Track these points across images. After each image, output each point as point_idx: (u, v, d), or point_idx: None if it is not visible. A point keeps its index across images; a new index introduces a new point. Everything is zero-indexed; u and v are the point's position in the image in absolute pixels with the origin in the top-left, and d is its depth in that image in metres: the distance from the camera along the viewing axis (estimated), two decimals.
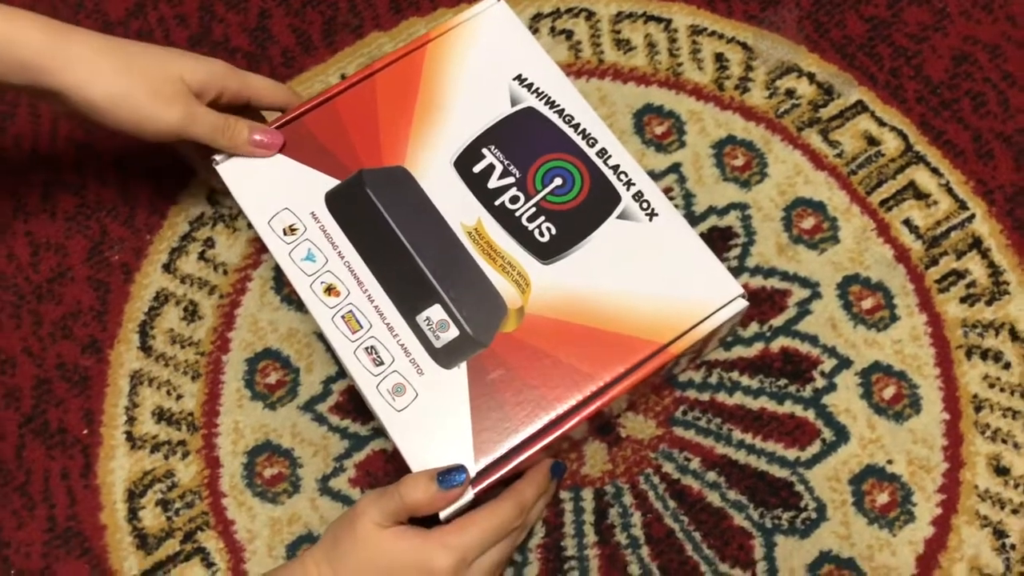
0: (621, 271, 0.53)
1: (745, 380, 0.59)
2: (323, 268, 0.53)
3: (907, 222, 0.63)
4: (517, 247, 0.53)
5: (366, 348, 0.51)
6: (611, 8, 0.69)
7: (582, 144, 0.56)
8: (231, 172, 0.55)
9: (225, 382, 0.60)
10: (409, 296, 0.52)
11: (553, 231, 0.54)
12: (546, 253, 0.53)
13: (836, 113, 0.65)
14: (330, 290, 0.53)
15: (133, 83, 0.50)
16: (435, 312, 0.52)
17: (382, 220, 0.54)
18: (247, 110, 0.56)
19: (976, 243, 0.62)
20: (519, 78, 0.57)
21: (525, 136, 0.56)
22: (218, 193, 0.64)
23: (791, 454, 0.58)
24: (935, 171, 0.64)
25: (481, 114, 0.57)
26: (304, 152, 0.55)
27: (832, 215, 0.63)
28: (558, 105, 0.57)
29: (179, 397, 0.59)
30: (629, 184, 0.55)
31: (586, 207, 0.54)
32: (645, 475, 0.58)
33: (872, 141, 0.65)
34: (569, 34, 0.68)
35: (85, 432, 0.59)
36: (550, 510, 0.57)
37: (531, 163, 0.55)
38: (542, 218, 0.54)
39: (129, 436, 0.59)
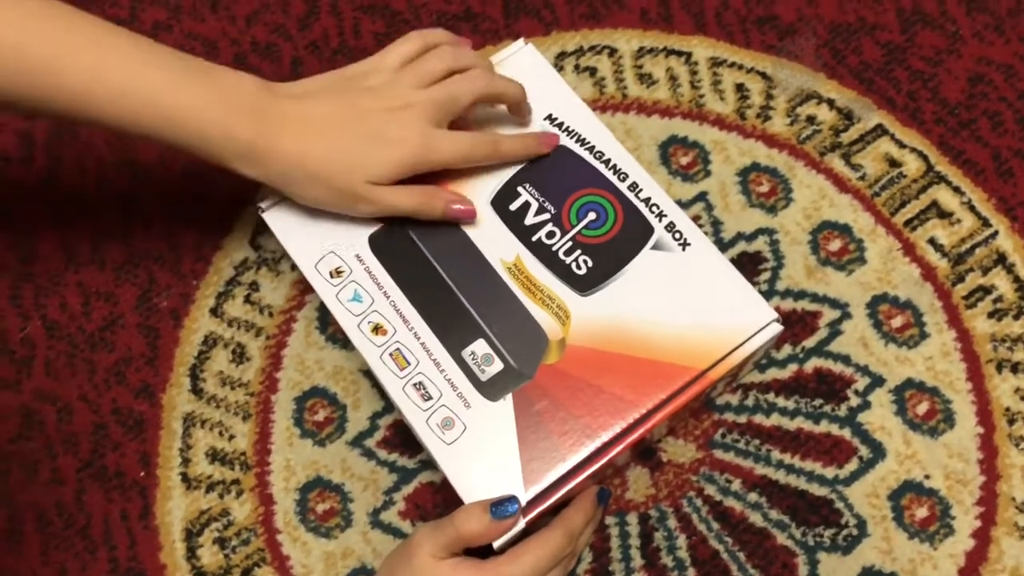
0: (658, 300, 0.54)
1: (781, 401, 0.61)
2: (370, 308, 0.55)
3: (932, 241, 0.64)
4: (556, 280, 0.55)
5: (414, 384, 0.53)
6: (632, 44, 0.71)
7: (613, 179, 0.58)
8: (277, 219, 0.57)
9: (275, 421, 0.62)
10: (454, 332, 0.54)
11: (590, 264, 0.56)
12: (584, 285, 0.55)
13: (857, 137, 0.67)
14: (377, 329, 0.54)
15: (322, 192, 0.53)
16: (479, 347, 0.54)
17: (425, 260, 0.56)
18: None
19: (1001, 259, 0.63)
20: (550, 117, 0.59)
21: (558, 173, 0.58)
22: (260, 237, 0.66)
23: (830, 472, 0.59)
24: (957, 190, 0.65)
25: None
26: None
27: (858, 237, 0.64)
28: (588, 142, 0.59)
29: (231, 437, 0.61)
30: (661, 216, 0.57)
31: (620, 239, 0.56)
32: (688, 498, 0.59)
33: (893, 163, 0.66)
34: (593, 71, 0.70)
35: (142, 474, 0.61)
36: (597, 536, 0.58)
37: (565, 199, 0.57)
38: (579, 251, 0.56)
39: (184, 477, 0.60)
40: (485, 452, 0.52)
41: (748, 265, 0.64)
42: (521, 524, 0.50)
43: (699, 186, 0.66)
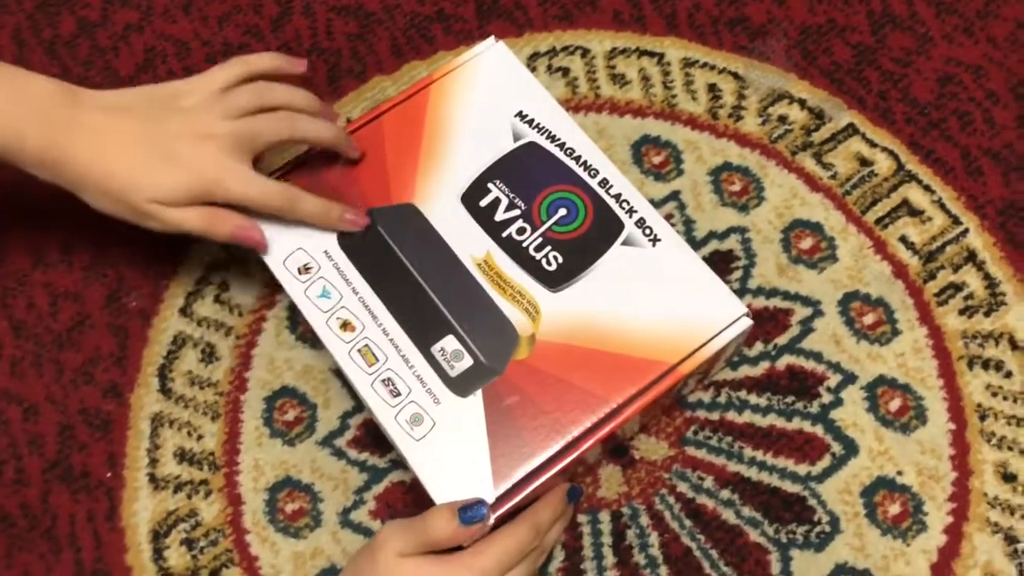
0: (628, 296, 0.54)
1: (753, 398, 0.61)
2: (338, 304, 0.55)
3: (903, 239, 0.64)
4: (526, 276, 0.55)
5: (383, 380, 0.53)
6: (605, 44, 0.71)
7: (584, 175, 0.58)
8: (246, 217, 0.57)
9: (244, 421, 0.61)
10: (423, 328, 0.54)
11: (560, 260, 0.55)
12: (554, 281, 0.55)
13: (828, 137, 0.67)
14: (345, 325, 0.54)
15: (111, 204, 0.54)
16: (449, 343, 0.54)
17: (394, 256, 0.56)
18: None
19: (971, 256, 0.64)
20: (520, 114, 0.59)
21: (529, 170, 0.58)
22: None
23: (802, 469, 0.59)
24: (927, 188, 0.66)
25: (485, 150, 0.59)
26: (315, 193, 0.57)
27: (830, 235, 0.64)
28: (559, 139, 0.59)
29: (200, 437, 0.61)
30: (631, 212, 0.57)
31: (591, 235, 0.56)
32: (660, 495, 0.59)
33: (864, 162, 0.67)
34: (566, 71, 0.70)
35: (109, 475, 0.60)
36: (568, 534, 0.58)
37: (536, 195, 0.57)
38: (549, 248, 0.56)
39: (152, 477, 0.60)
40: (454, 448, 0.51)
41: (720, 263, 0.64)
42: (490, 521, 0.49)
43: (671, 185, 0.66)
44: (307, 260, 0.56)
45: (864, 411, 0.60)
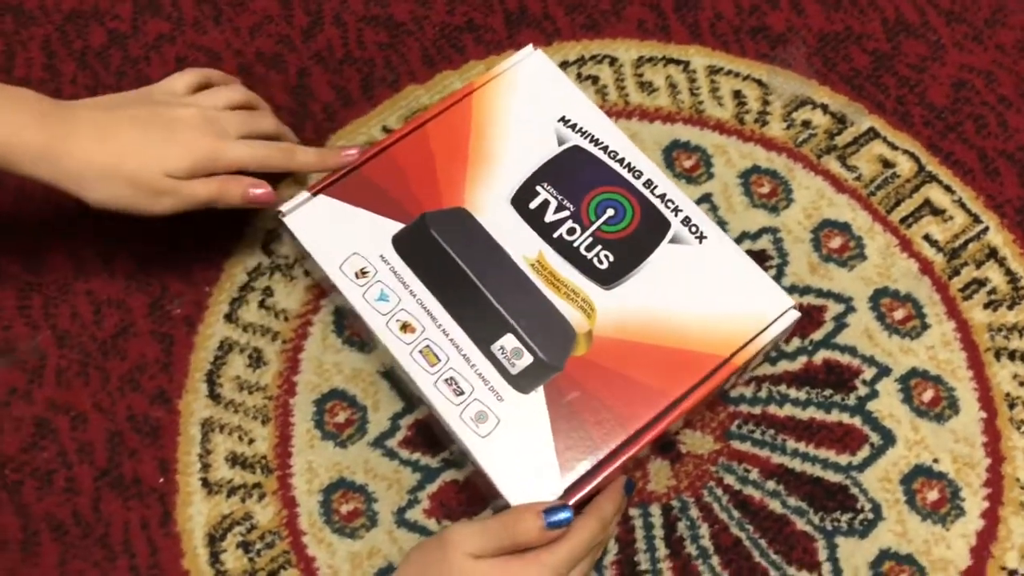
0: (678, 292, 0.56)
1: (793, 392, 0.62)
2: (397, 307, 0.56)
3: (927, 237, 0.67)
4: (579, 275, 0.57)
5: (446, 380, 0.54)
6: (632, 53, 0.73)
7: (629, 177, 0.59)
8: (298, 223, 0.58)
9: (295, 424, 0.61)
10: (482, 328, 0.55)
11: (611, 258, 0.57)
12: (607, 279, 0.57)
13: (851, 140, 0.70)
14: (406, 327, 0.55)
15: (120, 188, 0.54)
16: (508, 341, 0.55)
17: (448, 258, 0.57)
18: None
19: (992, 253, 0.66)
20: (563, 119, 0.61)
21: (575, 172, 0.60)
22: (273, 243, 0.66)
23: (843, 459, 0.61)
24: (948, 189, 0.68)
25: (531, 155, 0.60)
26: (366, 199, 0.58)
27: (857, 234, 0.67)
28: (602, 142, 0.60)
29: (251, 441, 0.61)
30: (676, 211, 0.58)
31: (639, 234, 0.58)
32: (708, 488, 0.60)
33: (887, 164, 0.69)
34: (595, 79, 0.72)
35: (161, 481, 0.60)
36: (621, 527, 0.59)
37: (583, 196, 0.59)
38: (599, 247, 0.57)
39: (205, 482, 0.60)
40: (520, 444, 0.52)
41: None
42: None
43: (703, 188, 0.68)
44: (363, 264, 0.57)
45: (899, 402, 0.62)
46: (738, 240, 0.67)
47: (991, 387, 0.63)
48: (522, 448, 0.52)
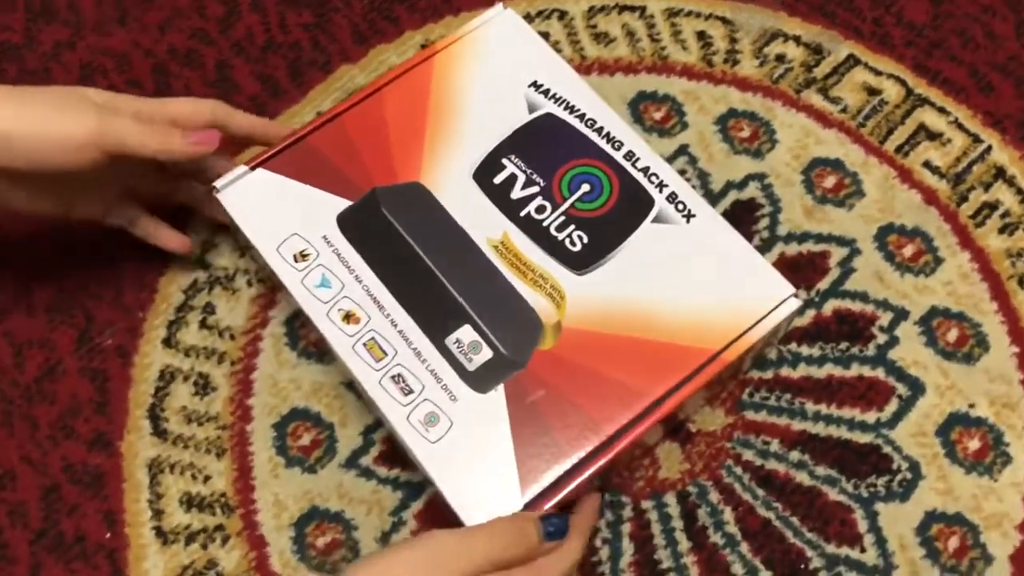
0: (662, 277, 0.49)
1: (805, 350, 0.56)
2: (340, 294, 0.49)
3: (927, 164, 0.61)
4: (548, 259, 0.50)
5: (392, 377, 0.47)
6: (582, 4, 0.66)
7: (608, 148, 0.53)
8: (233, 199, 0.51)
9: (254, 453, 0.54)
10: (436, 318, 0.48)
11: (585, 240, 0.50)
12: (579, 263, 0.50)
13: (830, 71, 0.64)
14: (349, 317, 0.48)
15: (35, 108, 0.46)
16: (465, 333, 0.48)
17: (401, 240, 0.50)
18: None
19: (1000, 173, 0.61)
20: (535, 84, 0.55)
21: (547, 143, 0.53)
22: (209, 254, 0.59)
23: (871, 417, 0.55)
24: (941, 110, 0.63)
25: (498, 123, 0.54)
26: (311, 173, 0.51)
27: (851, 170, 0.61)
28: (578, 110, 0.54)
29: (207, 479, 0.54)
30: (661, 186, 0.52)
31: (618, 212, 0.51)
32: (727, 467, 0.54)
33: (872, 92, 0.63)
34: (545, 36, 0.65)
35: (108, 536, 0.52)
36: (634, 524, 0.52)
37: (555, 170, 0.52)
38: (572, 227, 0.51)
39: (159, 531, 0.52)
40: (475, 450, 0.46)
41: (744, 213, 0.60)
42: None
43: (678, 139, 0.62)
44: (303, 246, 0.50)
45: (922, 346, 0.56)
46: (724, 191, 0.60)
47: (1020, 318, 0.57)
48: (478, 455, 0.46)
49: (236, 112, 0.52)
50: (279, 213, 0.51)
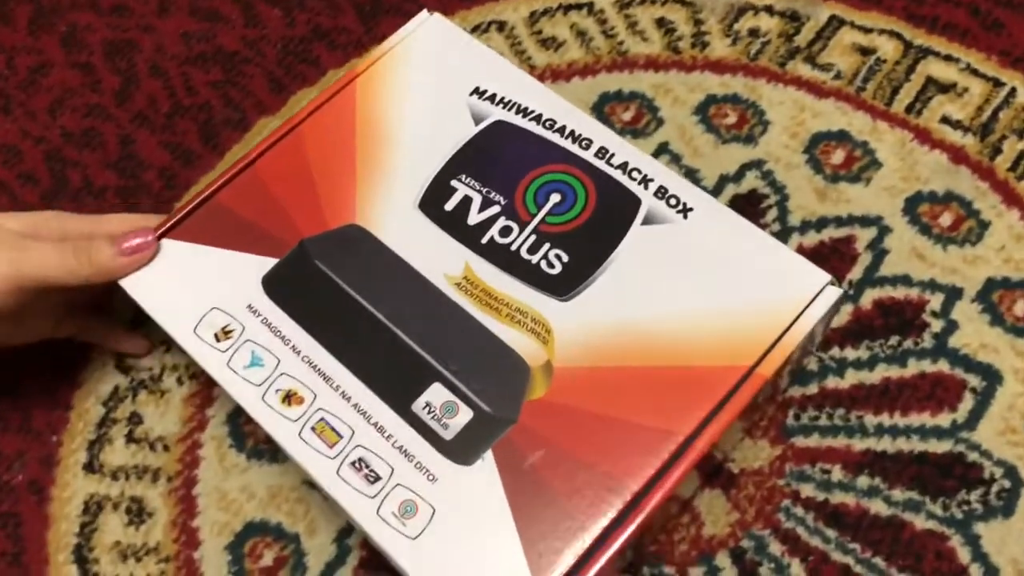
0: (666, 289, 0.40)
1: (850, 353, 0.47)
2: (275, 372, 0.40)
3: (946, 119, 0.52)
4: (523, 288, 0.41)
5: (353, 464, 0.38)
6: (521, 11, 0.59)
7: (575, 148, 0.44)
8: (137, 284, 0.42)
9: None
10: (397, 382, 0.39)
11: (564, 259, 0.41)
12: (562, 287, 0.41)
13: (813, 37, 0.56)
14: (290, 398, 0.39)
15: None
16: (436, 394, 0.39)
17: (340, 293, 0.41)
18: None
19: None
20: (478, 91, 0.46)
21: (501, 155, 0.44)
22: (127, 357, 0.50)
23: (944, 420, 0.45)
24: (948, 59, 0.54)
25: (440, 143, 0.45)
26: (225, 235, 0.43)
27: (860, 139, 0.52)
28: (532, 111, 0.45)
29: None
30: (646, 181, 0.43)
31: (598, 220, 0.42)
32: (784, 509, 0.44)
33: (865, 51, 0.55)
34: None
35: None
36: None
37: (516, 184, 0.44)
38: (546, 245, 0.42)
39: None
40: (468, 540, 0.36)
41: (747, 208, 0.51)
42: None
43: (655, 138, 0.53)
44: (226, 321, 0.41)
45: (987, 326, 0.47)
46: (719, 187, 0.52)
47: None
48: (471, 546, 0.36)
49: (71, 217, 0.45)
50: (193, 288, 0.42)
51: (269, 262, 0.42)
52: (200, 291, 0.41)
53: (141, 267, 0.42)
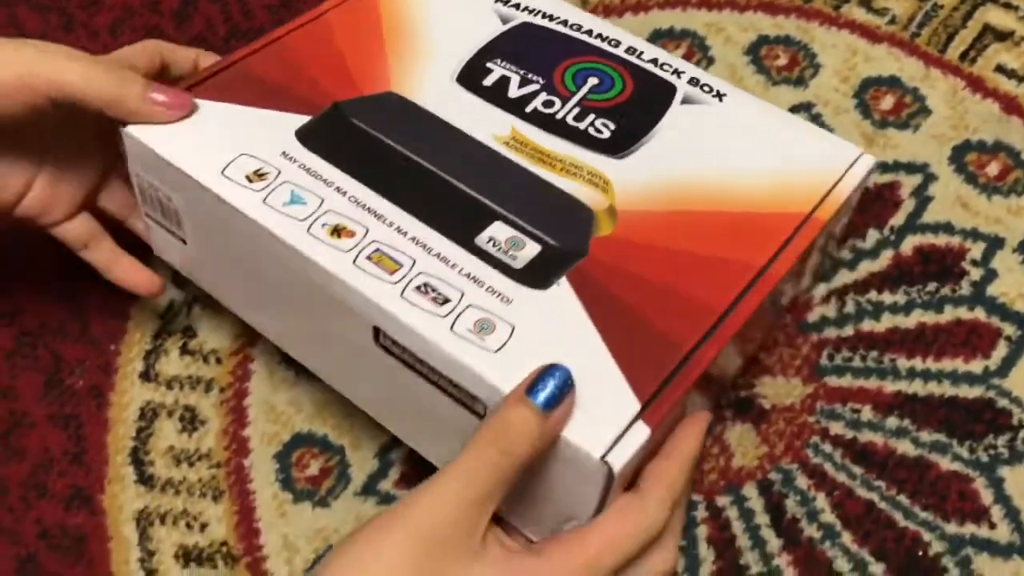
0: (716, 151, 0.43)
1: (888, 297, 0.47)
2: (320, 209, 0.39)
3: (1000, 68, 0.52)
4: (575, 148, 0.42)
5: (418, 288, 0.37)
6: None
7: (605, 46, 0.46)
8: (149, 133, 0.41)
9: (256, 491, 0.46)
10: (454, 221, 0.39)
11: (611, 126, 0.43)
12: (615, 148, 0.42)
13: None
14: (339, 231, 0.38)
15: None
16: (499, 230, 0.39)
17: (385, 148, 0.41)
18: None
19: None
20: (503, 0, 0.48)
21: (534, 47, 0.46)
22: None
23: (977, 366, 0.46)
24: (1007, 6, 0.54)
25: (469, 37, 0.46)
26: (252, 96, 0.43)
27: (911, 86, 0.52)
28: (559, 17, 0.47)
29: (204, 527, 0.46)
30: (678, 72, 0.45)
31: (638, 100, 0.44)
32: (812, 445, 0.45)
33: None
34: None
35: None
36: (711, 525, 0.44)
37: (554, 68, 0.45)
38: (592, 116, 0.43)
39: None
40: (552, 354, 0.35)
41: None
42: (644, 433, 0.34)
43: None
44: (258, 165, 0.40)
45: None
46: None
47: None
48: (558, 358, 0.35)
49: (177, 48, 0.45)
50: (216, 139, 0.41)
51: (299, 119, 0.42)
52: (225, 141, 0.41)
53: (159, 123, 0.41)
